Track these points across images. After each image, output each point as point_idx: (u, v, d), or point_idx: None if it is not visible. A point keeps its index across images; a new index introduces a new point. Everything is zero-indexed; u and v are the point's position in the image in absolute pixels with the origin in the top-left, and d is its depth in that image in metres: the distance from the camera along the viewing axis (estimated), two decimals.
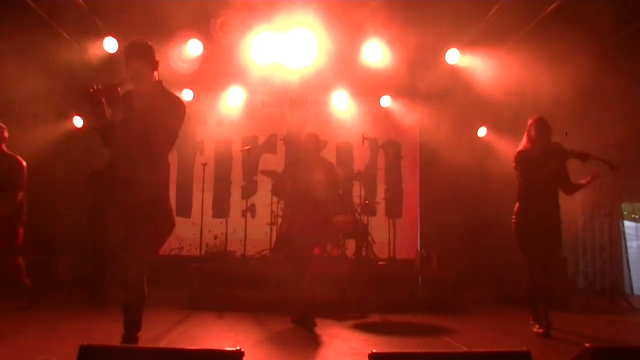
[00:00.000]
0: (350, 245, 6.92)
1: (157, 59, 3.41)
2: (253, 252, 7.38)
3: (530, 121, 4.68)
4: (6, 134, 5.14)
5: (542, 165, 4.47)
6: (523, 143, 4.70)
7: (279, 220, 7.12)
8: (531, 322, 4.52)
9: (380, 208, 8.60)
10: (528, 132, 4.65)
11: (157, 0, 6.42)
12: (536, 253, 4.50)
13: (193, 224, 8.29)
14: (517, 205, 4.66)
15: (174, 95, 3.40)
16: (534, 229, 4.48)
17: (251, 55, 7.30)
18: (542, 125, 4.58)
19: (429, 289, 7.37)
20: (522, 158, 4.60)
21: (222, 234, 7.40)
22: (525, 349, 2.11)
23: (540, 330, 4.39)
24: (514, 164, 4.65)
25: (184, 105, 3.39)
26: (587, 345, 2.13)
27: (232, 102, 8.68)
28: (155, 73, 3.40)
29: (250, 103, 8.88)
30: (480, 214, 7.88)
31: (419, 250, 7.04)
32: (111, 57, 7.09)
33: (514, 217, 4.65)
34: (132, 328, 3.27)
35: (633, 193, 7.82)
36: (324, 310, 5.36)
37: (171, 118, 3.30)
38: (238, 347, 2.02)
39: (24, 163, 5.11)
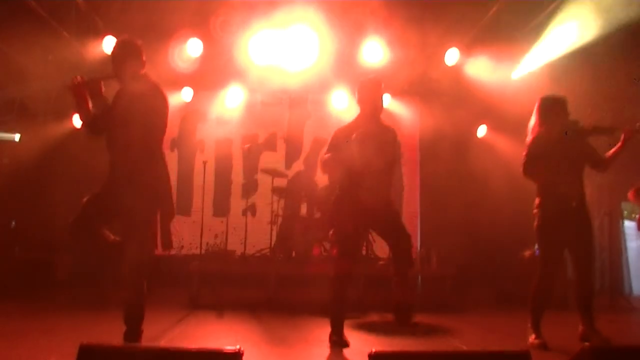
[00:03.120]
0: None
1: (144, 59, 3.47)
2: (253, 251, 7.39)
3: (537, 103, 4.16)
4: None
5: (562, 156, 3.98)
6: (532, 126, 4.16)
7: (280, 220, 7.14)
8: (529, 328, 4.09)
9: None
10: (538, 114, 4.14)
11: None
12: (555, 252, 4.10)
13: (193, 222, 8.30)
14: (537, 199, 4.18)
15: (156, 88, 3.44)
16: (558, 225, 4.03)
17: (251, 55, 7.30)
18: (554, 104, 4.09)
19: (429, 288, 7.38)
20: (534, 149, 4.06)
21: (222, 232, 7.40)
22: (525, 349, 2.11)
23: (536, 342, 3.95)
24: (524, 159, 4.10)
25: (165, 96, 3.47)
26: (587, 344, 2.14)
27: (232, 101, 8.68)
28: (140, 72, 3.45)
29: (250, 102, 8.88)
30: (480, 213, 7.89)
31: (418, 249, 7.04)
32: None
33: (535, 210, 4.18)
34: (134, 325, 3.29)
35: None
36: (323, 309, 5.36)
37: (160, 111, 3.42)
38: (238, 347, 2.02)
39: None
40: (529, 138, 4.17)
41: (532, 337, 4.02)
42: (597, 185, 7.52)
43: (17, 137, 7.51)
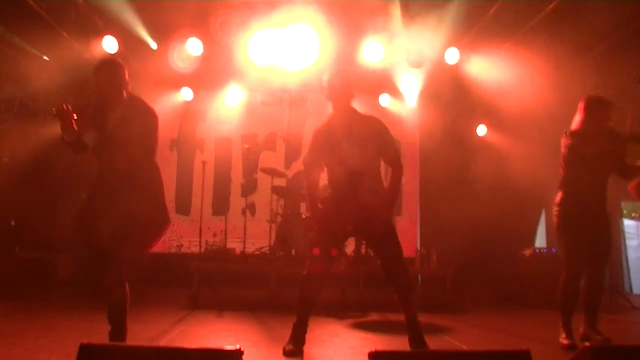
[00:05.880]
0: (350, 243, 6.92)
1: (127, 78, 3.43)
2: (253, 250, 7.39)
3: (585, 99, 4.10)
4: None
5: (596, 155, 3.95)
6: (577, 123, 4.10)
7: (279, 219, 7.14)
8: (560, 327, 4.08)
9: None
10: (585, 112, 4.07)
11: None
12: (580, 251, 4.02)
13: (192, 221, 8.31)
14: (559, 194, 4.15)
15: (145, 105, 3.44)
16: (579, 223, 4.01)
17: (251, 55, 7.30)
18: (599, 108, 4.04)
19: (429, 288, 7.38)
20: (578, 143, 4.01)
21: (221, 231, 7.41)
22: (525, 348, 2.11)
23: (565, 342, 3.96)
24: (566, 147, 4.05)
25: (155, 113, 3.45)
26: (587, 344, 2.14)
27: (231, 100, 8.68)
28: (124, 92, 3.42)
29: (249, 101, 8.88)
30: (480, 212, 7.89)
31: (418, 248, 7.04)
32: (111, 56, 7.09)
33: (556, 208, 4.14)
34: (118, 330, 3.30)
35: None
36: (323, 309, 5.37)
37: (147, 128, 3.39)
38: (238, 346, 2.02)
39: None
40: (570, 131, 4.14)
41: (562, 337, 4.03)
42: None
43: None
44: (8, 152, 7.64)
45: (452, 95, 8.37)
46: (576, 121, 4.15)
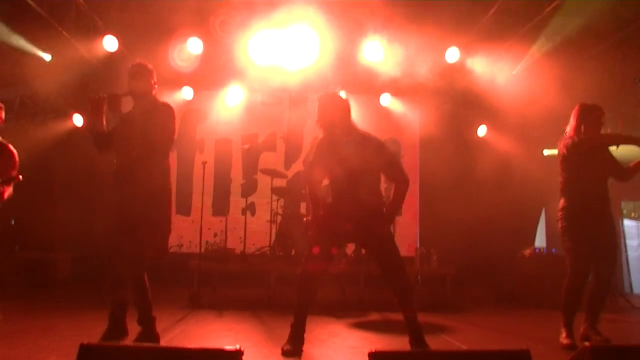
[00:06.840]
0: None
1: (155, 81, 3.83)
2: (253, 250, 7.40)
3: (577, 108, 4.22)
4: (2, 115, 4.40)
5: (589, 160, 4.07)
6: (571, 129, 4.20)
7: (279, 219, 7.14)
8: (561, 327, 4.11)
9: None
10: (577, 120, 4.17)
11: None
12: (584, 253, 4.05)
13: (193, 221, 8.31)
14: (562, 200, 4.21)
15: (165, 103, 3.81)
16: (583, 225, 4.06)
17: (251, 54, 7.30)
18: (592, 114, 4.15)
19: (429, 287, 7.39)
20: (573, 150, 4.10)
21: (221, 231, 7.41)
22: (524, 347, 2.11)
23: (566, 341, 3.99)
24: (563, 154, 4.17)
25: (173, 109, 3.79)
26: (586, 344, 2.14)
27: (231, 100, 8.68)
28: (153, 92, 3.81)
29: (250, 101, 8.87)
30: (480, 212, 7.89)
31: (418, 248, 7.04)
32: (111, 55, 7.09)
33: (559, 212, 4.20)
34: (119, 328, 3.36)
35: (633, 191, 7.82)
36: (323, 308, 5.37)
37: (167, 122, 3.71)
38: (237, 346, 2.02)
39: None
40: (565, 141, 4.21)
41: (563, 336, 4.05)
42: None
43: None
44: None
45: (452, 95, 8.37)
46: (570, 127, 4.22)
